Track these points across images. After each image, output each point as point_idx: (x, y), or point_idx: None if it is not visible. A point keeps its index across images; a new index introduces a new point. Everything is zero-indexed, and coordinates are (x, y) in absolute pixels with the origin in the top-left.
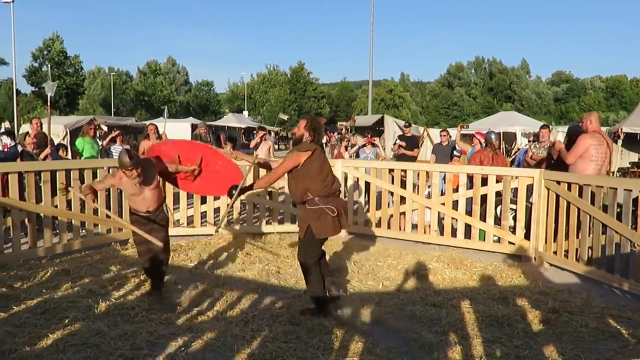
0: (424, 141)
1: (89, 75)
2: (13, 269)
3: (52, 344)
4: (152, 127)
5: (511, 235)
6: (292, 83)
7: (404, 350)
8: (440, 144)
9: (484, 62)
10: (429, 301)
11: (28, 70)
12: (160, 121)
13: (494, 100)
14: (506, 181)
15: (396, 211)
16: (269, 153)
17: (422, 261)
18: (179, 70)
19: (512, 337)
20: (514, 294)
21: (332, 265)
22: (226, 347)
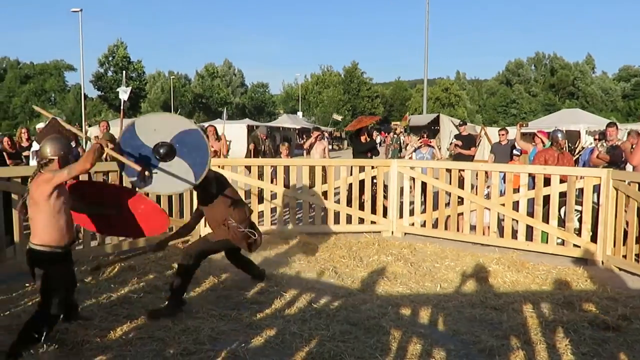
0: (482, 140)
1: (150, 79)
2: (83, 264)
3: (120, 337)
4: (211, 128)
5: (576, 238)
6: (346, 83)
7: (463, 353)
8: (499, 143)
9: (544, 58)
10: (489, 304)
11: (95, 75)
12: (219, 123)
13: (556, 97)
14: (571, 181)
15: (454, 212)
16: (324, 153)
17: (481, 263)
18: (235, 72)
19: (578, 344)
20: (580, 299)
21: (387, 265)
22: (285, 345)
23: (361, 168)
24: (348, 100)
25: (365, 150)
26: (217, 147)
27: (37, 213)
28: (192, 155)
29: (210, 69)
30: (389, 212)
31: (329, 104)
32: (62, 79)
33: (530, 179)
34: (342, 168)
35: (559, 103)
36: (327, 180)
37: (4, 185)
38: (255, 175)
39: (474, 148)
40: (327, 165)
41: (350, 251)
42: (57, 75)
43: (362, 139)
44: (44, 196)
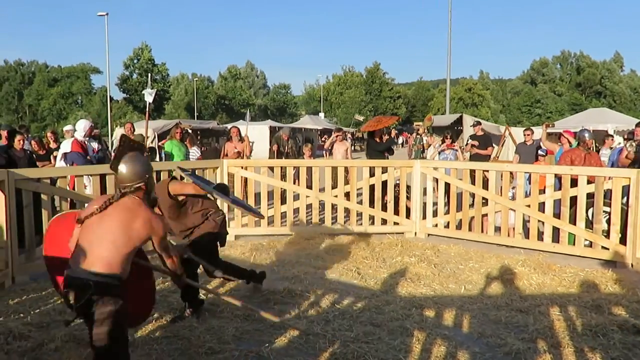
0: (506, 140)
1: (174, 82)
2: None
3: (146, 335)
4: (234, 129)
5: (605, 240)
6: (368, 84)
7: (489, 356)
8: (524, 144)
9: (570, 56)
10: (514, 307)
11: (120, 78)
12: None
13: (582, 96)
14: (599, 182)
15: (478, 213)
16: (347, 154)
17: (507, 265)
18: (258, 74)
19: (608, 348)
20: (609, 302)
21: (410, 266)
22: (308, 345)
23: (384, 169)
24: (370, 100)
25: (382, 150)
26: (240, 148)
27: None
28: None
29: (233, 70)
30: (412, 213)
31: (351, 104)
32: (89, 82)
33: (556, 179)
34: (365, 169)
35: (585, 102)
36: (350, 180)
37: (34, 186)
38: (277, 176)
39: (490, 147)
40: (349, 165)
41: (373, 252)
42: (84, 78)
43: (377, 139)
44: (138, 238)
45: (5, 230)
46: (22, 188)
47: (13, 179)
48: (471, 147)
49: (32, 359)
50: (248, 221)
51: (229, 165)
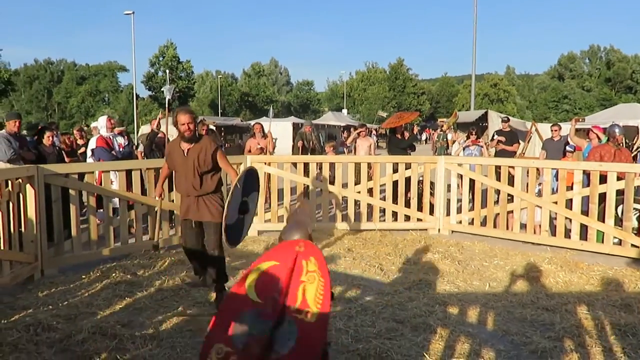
0: (532, 137)
1: (199, 79)
2: (136, 257)
3: (170, 328)
4: (258, 126)
5: (634, 238)
6: (392, 80)
7: (514, 354)
8: (551, 139)
9: (599, 50)
10: (540, 305)
11: (145, 76)
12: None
13: (612, 91)
14: (629, 178)
15: (503, 209)
16: (370, 150)
17: (532, 262)
18: (281, 71)
19: (637, 348)
20: (638, 302)
21: (434, 263)
22: (331, 341)
23: (407, 165)
24: (393, 97)
25: (404, 147)
26: (263, 144)
27: None
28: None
29: (257, 67)
30: (436, 210)
31: (374, 101)
32: (116, 80)
33: (584, 176)
34: (388, 165)
35: (615, 97)
36: (373, 177)
37: (63, 181)
38: (300, 172)
39: (516, 144)
40: (372, 162)
41: (396, 248)
42: (111, 76)
43: (399, 135)
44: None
45: (35, 224)
46: (51, 183)
47: (42, 174)
48: (497, 142)
49: (60, 350)
50: (271, 217)
51: (252, 161)
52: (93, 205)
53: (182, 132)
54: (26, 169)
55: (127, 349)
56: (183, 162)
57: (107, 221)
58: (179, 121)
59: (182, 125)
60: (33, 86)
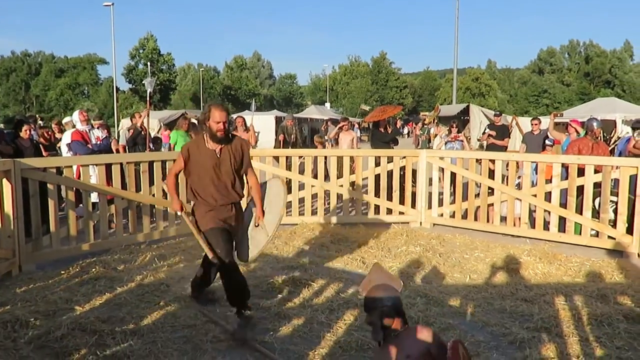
0: (513, 130)
1: (180, 72)
2: (116, 252)
3: (151, 323)
4: (239, 119)
5: (611, 230)
6: (374, 74)
7: (494, 345)
8: (531, 133)
9: (579, 45)
10: (519, 296)
11: (126, 68)
12: (247, 114)
13: (591, 86)
14: (606, 171)
15: (484, 202)
16: (352, 144)
17: (512, 254)
18: (264, 64)
19: (613, 337)
20: (614, 292)
21: (415, 256)
22: (313, 334)
23: (389, 158)
24: (376, 90)
25: (387, 141)
26: (245, 138)
27: None
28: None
29: (239, 60)
30: (418, 203)
31: (357, 94)
32: (95, 73)
33: (563, 169)
34: (370, 158)
35: (593, 92)
36: (355, 170)
37: (41, 175)
38: (283, 166)
39: (507, 138)
40: (355, 155)
41: (379, 242)
42: (90, 69)
43: (382, 129)
44: None
45: (12, 220)
46: (29, 177)
47: (19, 169)
48: (488, 136)
49: (38, 346)
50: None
51: None
52: (72, 199)
53: (215, 132)
54: (3, 163)
55: (107, 345)
56: (214, 164)
57: (87, 216)
58: (214, 118)
59: (217, 124)
60: (10, 79)
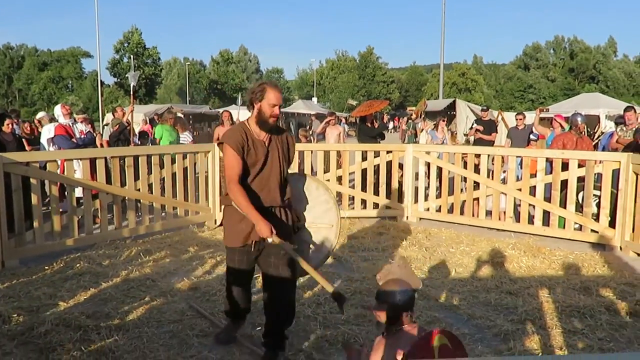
0: (498, 125)
1: (166, 66)
2: (101, 248)
3: (137, 318)
4: (226, 114)
5: (594, 223)
6: (361, 68)
7: (478, 337)
8: (515, 128)
9: (564, 41)
10: (504, 289)
11: (110, 62)
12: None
13: (575, 81)
14: (589, 166)
15: (469, 197)
16: (339, 138)
17: (497, 248)
18: (251, 58)
19: (595, 329)
20: (597, 284)
21: (402, 250)
22: (299, 328)
23: (376, 153)
24: (363, 85)
25: (374, 135)
26: None
27: None
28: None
29: (226, 55)
30: (404, 197)
31: (344, 89)
32: (79, 66)
33: (547, 163)
34: (357, 153)
35: (578, 87)
36: (342, 165)
37: (23, 170)
38: None
39: (494, 133)
40: (341, 150)
41: (365, 236)
42: (74, 62)
43: (369, 124)
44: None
45: None
46: (11, 172)
47: (2, 163)
48: (475, 131)
49: (21, 342)
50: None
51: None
52: (56, 194)
53: (269, 117)
54: None
55: (92, 340)
56: (263, 159)
57: (71, 211)
58: (270, 100)
59: (273, 108)
60: None
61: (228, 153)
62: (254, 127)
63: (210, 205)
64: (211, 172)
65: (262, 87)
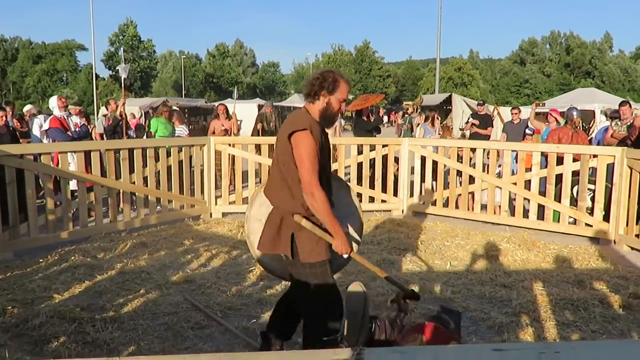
0: (494, 119)
1: (161, 59)
2: (96, 240)
3: (132, 311)
4: (221, 107)
5: (589, 217)
6: (357, 63)
7: (473, 330)
8: (511, 122)
9: (560, 36)
10: (498, 282)
11: (106, 55)
12: (229, 102)
13: (571, 76)
14: (584, 160)
15: (464, 191)
16: (335, 132)
17: (492, 242)
18: (247, 52)
19: (588, 322)
20: (591, 278)
21: (397, 244)
22: None
23: (372, 146)
24: (359, 79)
25: (370, 129)
26: (227, 126)
27: None
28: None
29: (221, 48)
30: (400, 191)
31: None
32: (74, 59)
33: (542, 157)
34: (353, 146)
35: (574, 82)
36: (338, 158)
37: (17, 162)
38: (265, 154)
39: (490, 127)
40: (337, 143)
41: None
42: (69, 55)
43: (365, 118)
44: None
45: None
46: (5, 164)
47: None
48: (471, 125)
49: (16, 334)
50: (235, 199)
51: (215, 142)
52: (50, 187)
53: (336, 112)
54: None
55: (87, 333)
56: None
57: (66, 204)
58: (341, 94)
59: (341, 103)
60: None
61: (311, 146)
62: (319, 123)
63: (205, 198)
64: (206, 166)
65: (334, 77)
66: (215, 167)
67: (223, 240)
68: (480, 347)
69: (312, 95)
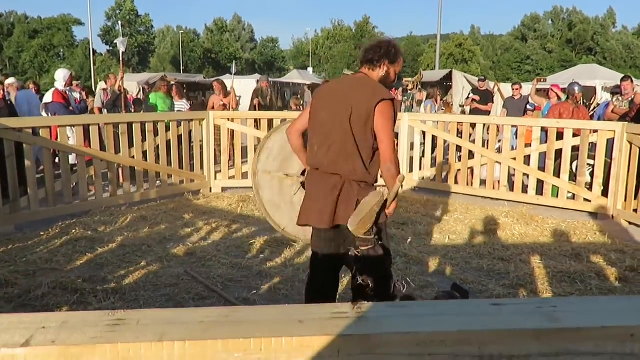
0: (494, 96)
1: (159, 34)
2: (96, 214)
3: (134, 282)
4: (216, 84)
5: (587, 192)
6: (357, 38)
7: None
8: (512, 98)
9: (562, 12)
10: (497, 255)
11: (103, 29)
12: (227, 78)
13: (573, 53)
14: (584, 135)
15: (464, 166)
16: None
17: (491, 216)
18: (245, 27)
19: (585, 294)
20: (588, 251)
21: (396, 218)
22: (294, 292)
23: None
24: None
25: None
26: (226, 102)
27: None
28: None
29: (220, 23)
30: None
31: (340, 59)
32: (70, 34)
33: (542, 133)
34: None
35: (575, 59)
36: None
37: (16, 135)
38: (264, 129)
39: (490, 103)
40: None
41: None
42: (65, 30)
43: None
44: None
45: None
46: (4, 138)
47: None
48: (472, 101)
49: (19, 304)
50: (235, 173)
51: (215, 117)
52: (49, 161)
53: (390, 83)
54: None
55: (89, 303)
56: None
57: (65, 177)
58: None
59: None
60: None
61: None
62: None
63: (205, 173)
64: (205, 140)
65: (397, 49)
66: (214, 142)
67: (223, 215)
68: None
69: (372, 62)
